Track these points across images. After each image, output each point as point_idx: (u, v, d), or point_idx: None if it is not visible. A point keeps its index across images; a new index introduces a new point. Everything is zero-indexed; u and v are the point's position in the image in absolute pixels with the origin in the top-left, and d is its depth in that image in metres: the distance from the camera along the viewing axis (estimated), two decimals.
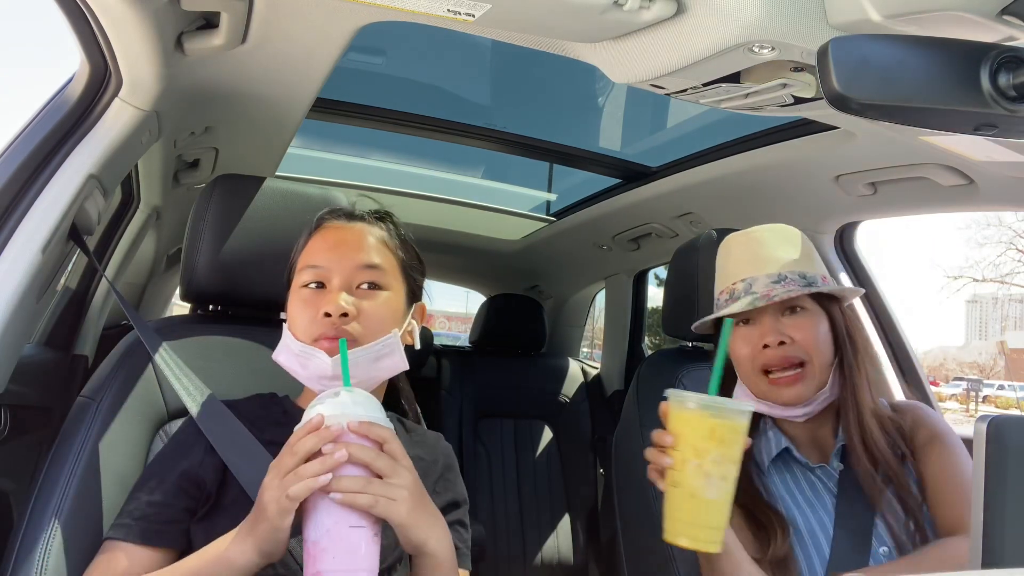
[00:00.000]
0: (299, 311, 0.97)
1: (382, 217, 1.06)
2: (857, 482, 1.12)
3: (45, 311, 1.70)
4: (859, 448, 1.11)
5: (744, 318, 1.18)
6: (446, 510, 1.03)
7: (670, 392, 0.96)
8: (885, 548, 1.08)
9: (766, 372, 1.15)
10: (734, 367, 1.20)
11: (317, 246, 1.00)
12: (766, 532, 1.11)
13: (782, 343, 1.13)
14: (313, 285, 0.97)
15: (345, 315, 0.93)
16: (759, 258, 1.17)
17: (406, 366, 1.00)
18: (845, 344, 1.15)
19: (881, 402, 1.20)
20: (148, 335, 1.09)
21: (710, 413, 0.92)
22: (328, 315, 0.93)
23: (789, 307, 1.15)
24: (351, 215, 1.04)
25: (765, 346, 1.14)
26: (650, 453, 0.96)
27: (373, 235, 1.02)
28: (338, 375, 0.91)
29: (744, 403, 0.93)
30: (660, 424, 0.98)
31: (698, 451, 0.91)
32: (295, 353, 0.95)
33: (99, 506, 0.98)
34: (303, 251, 1.02)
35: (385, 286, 0.99)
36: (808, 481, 1.17)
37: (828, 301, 1.16)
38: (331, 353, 0.92)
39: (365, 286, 0.97)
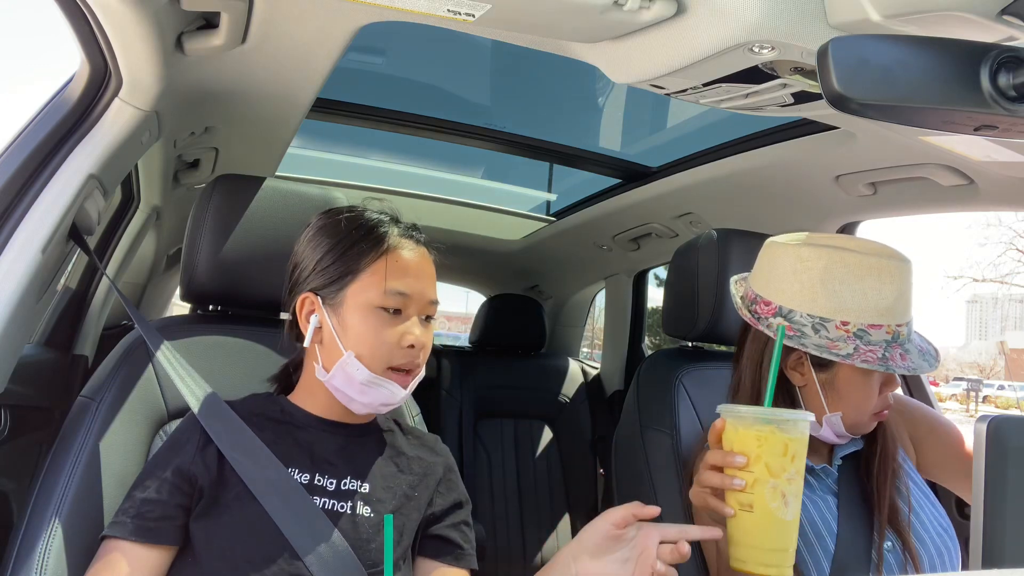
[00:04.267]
0: (375, 334, 0.95)
1: (427, 239, 1.06)
2: (857, 479, 1.13)
3: (45, 311, 1.70)
4: (879, 452, 1.13)
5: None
6: (450, 511, 1.03)
7: (726, 408, 0.90)
8: (889, 543, 1.09)
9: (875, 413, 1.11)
10: (820, 396, 1.10)
11: (401, 270, 0.98)
12: None
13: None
14: (392, 310, 0.96)
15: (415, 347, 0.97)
16: (906, 298, 1.05)
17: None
18: None
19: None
20: (150, 333, 1.09)
21: (779, 428, 0.85)
22: (411, 347, 0.95)
23: None
24: (416, 239, 1.03)
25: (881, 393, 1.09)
26: (712, 477, 0.89)
27: (432, 263, 1.03)
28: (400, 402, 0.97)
29: (799, 412, 0.88)
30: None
31: (773, 470, 0.85)
32: (358, 380, 0.94)
33: (99, 506, 0.98)
34: (375, 265, 0.97)
35: (433, 316, 1.01)
36: (810, 481, 1.18)
37: None
38: (403, 384, 0.96)
39: (425, 318, 0.99)
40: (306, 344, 0.99)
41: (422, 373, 0.99)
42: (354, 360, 0.94)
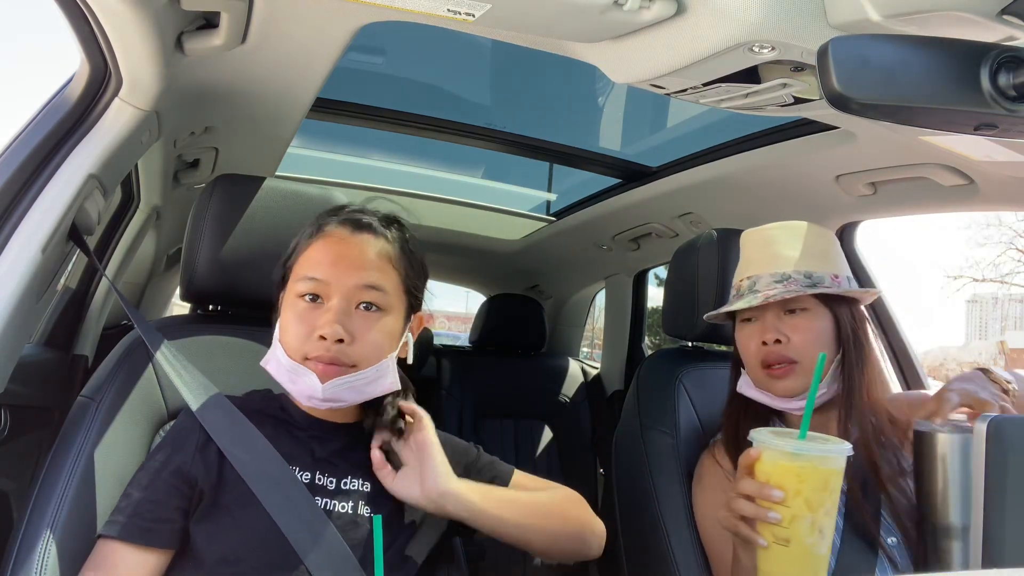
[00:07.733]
0: (293, 324, 0.94)
1: (388, 225, 1.02)
2: (862, 475, 1.13)
3: (45, 311, 1.70)
4: (860, 444, 1.12)
5: (749, 316, 1.21)
6: (467, 470, 1.09)
7: (760, 437, 0.87)
8: (893, 539, 1.09)
9: (766, 366, 1.18)
10: (742, 359, 1.24)
11: (318, 256, 0.96)
12: None
13: (778, 341, 1.16)
14: (309, 298, 0.95)
15: (340, 340, 0.92)
16: (767, 256, 1.20)
17: (398, 387, 0.99)
18: (849, 344, 1.16)
19: (894, 396, 1.23)
20: (149, 333, 1.09)
21: (820, 462, 0.83)
22: (323, 338, 0.91)
23: (790, 308, 1.18)
24: (357, 224, 0.99)
25: (764, 343, 1.17)
26: (745, 506, 0.88)
27: (377, 249, 0.97)
28: (328, 399, 0.93)
29: (836, 441, 0.86)
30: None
31: (812, 505, 0.83)
32: (285, 368, 0.95)
33: (99, 506, 0.98)
34: (303, 255, 0.98)
35: (385, 307, 0.96)
36: None
37: (835, 301, 1.17)
38: (322, 376, 0.91)
39: (363, 307, 0.95)
40: (275, 337, 0.99)
41: (365, 373, 0.93)
42: (278, 345, 0.96)
